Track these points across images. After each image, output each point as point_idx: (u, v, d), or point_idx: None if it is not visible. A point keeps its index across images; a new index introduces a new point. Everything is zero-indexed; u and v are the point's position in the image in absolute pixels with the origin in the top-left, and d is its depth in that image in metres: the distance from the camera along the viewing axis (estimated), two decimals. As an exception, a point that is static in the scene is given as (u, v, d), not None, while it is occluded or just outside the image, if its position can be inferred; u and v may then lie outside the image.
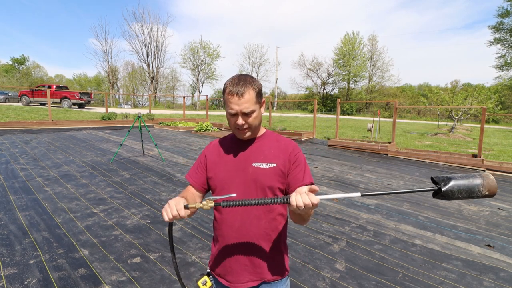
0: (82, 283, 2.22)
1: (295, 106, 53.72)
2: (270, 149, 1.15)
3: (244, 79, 1.09)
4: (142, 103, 53.33)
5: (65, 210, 3.61)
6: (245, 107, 1.06)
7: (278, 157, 1.13)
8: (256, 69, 54.41)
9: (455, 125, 16.82)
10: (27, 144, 7.76)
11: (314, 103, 13.01)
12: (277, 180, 1.11)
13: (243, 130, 1.11)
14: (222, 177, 1.15)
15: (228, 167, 1.15)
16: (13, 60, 52.40)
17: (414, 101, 46.59)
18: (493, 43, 32.96)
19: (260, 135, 1.20)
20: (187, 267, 2.49)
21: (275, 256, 1.15)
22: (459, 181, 0.94)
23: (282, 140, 1.20)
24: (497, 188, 0.92)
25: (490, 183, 0.92)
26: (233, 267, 1.13)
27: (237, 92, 1.05)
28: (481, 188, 0.92)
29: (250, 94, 1.07)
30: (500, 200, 4.68)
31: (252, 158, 1.13)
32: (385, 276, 2.45)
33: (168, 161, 6.64)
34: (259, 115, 1.13)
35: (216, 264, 1.18)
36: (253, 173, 1.10)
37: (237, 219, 1.11)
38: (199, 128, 12.56)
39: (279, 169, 1.11)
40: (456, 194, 0.94)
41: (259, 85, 1.12)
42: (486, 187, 0.92)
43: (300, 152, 1.18)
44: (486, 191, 0.92)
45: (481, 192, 0.92)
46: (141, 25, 42.98)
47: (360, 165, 6.98)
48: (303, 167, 1.15)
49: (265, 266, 1.12)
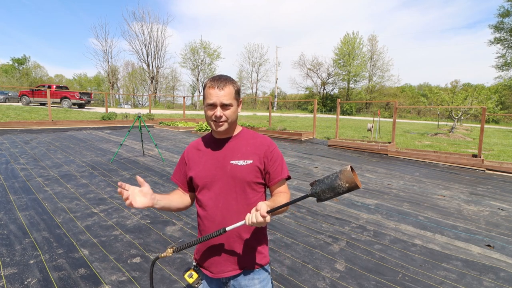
0: (82, 283, 2.22)
1: (295, 106, 53.72)
2: (246, 147, 1.21)
3: (225, 77, 1.18)
4: (142, 103, 53.34)
5: (65, 210, 3.61)
6: (225, 99, 1.13)
7: (254, 154, 1.20)
8: (256, 69, 54.48)
9: (455, 125, 16.81)
10: (27, 144, 7.76)
11: (314, 103, 13.01)
12: (254, 175, 1.18)
13: (220, 122, 1.15)
14: (202, 175, 1.21)
15: (208, 165, 1.21)
16: (14, 60, 52.42)
17: (414, 101, 46.59)
18: (493, 42, 32.96)
19: (236, 134, 1.26)
20: (187, 267, 2.49)
21: (255, 246, 1.22)
22: (322, 183, 0.94)
23: (258, 137, 1.26)
24: (353, 178, 0.87)
25: (346, 175, 0.89)
26: (216, 259, 1.19)
27: (218, 85, 1.13)
28: (340, 182, 0.89)
29: (230, 88, 1.15)
30: (500, 200, 4.68)
31: (230, 155, 1.19)
32: (385, 276, 2.45)
33: (168, 161, 6.64)
34: (236, 111, 1.20)
35: (200, 257, 1.25)
36: (231, 170, 1.17)
37: (218, 215, 1.18)
38: (199, 128, 12.57)
39: (255, 165, 1.18)
40: (321, 195, 0.94)
41: (238, 85, 1.21)
42: (343, 180, 0.89)
43: (275, 147, 1.26)
44: (346, 184, 0.89)
45: (342, 187, 0.89)
46: (141, 25, 42.99)
47: (360, 165, 6.98)
48: (281, 162, 1.24)
49: (246, 255, 1.20)
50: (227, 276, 1.20)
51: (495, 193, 5.05)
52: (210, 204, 1.19)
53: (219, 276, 1.20)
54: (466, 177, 6.21)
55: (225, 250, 1.18)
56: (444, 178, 6.05)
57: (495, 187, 5.48)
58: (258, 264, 1.23)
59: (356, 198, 4.49)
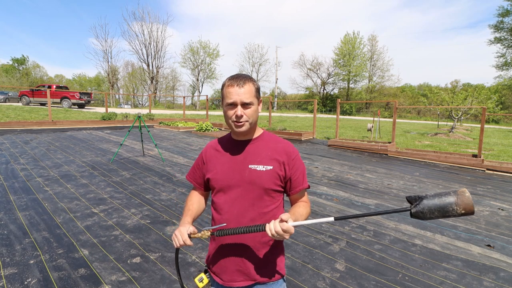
0: (82, 283, 2.22)
1: (295, 106, 53.72)
2: (267, 151, 1.15)
3: (244, 75, 1.13)
4: (142, 103, 53.35)
5: (65, 210, 3.61)
6: (245, 97, 1.07)
7: (275, 160, 1.13)
8: (256, 69, 54.45)
9: (455, 125, 16.81)
10: (27, 144, 7.76)
11: (314, 103, 13.01)
12: (273, 182, 1.12)
13: (241, 123, 1.09)
14: (220, 178, 1.15)
15: (226, 168, 1.15)
16: (13, 60, 52.45)
17: (414, 101, 46.60)
18: (493, 42, 32.97)
19: (257, 136, 1.19)
20: (187, 267, 2.49)
21: (269, 258, 1.14)
22: (430, 201, 0.87)
23: (281, 142, 1.19)
24: (473, 206, 0.82)
25: (465, 201, 0.82)
26: (227, 267, 1.14)
27: (237, 83, 1.08)
28: (454, 207, 0.83)
29: (250, 86, 1.09)
30: (500, 200, 4.68)
31: (249, 159, 1.13)
32: (385, 276, 2.45)
33: (168, 161, 6.64)
34: (257, 111, 1.13)
35: (211, 262, 1.21)
36: (250, 175, 1.11)
37: (233, 220, 1.12)
38: (199, 128, 12.56)
39: (276, 171, 1.12)
40: (427, 214, 0.87)
41: (258, 84, 1.15)
42: (461, 206, 0.83)
43: (298, 155, 1.19)
44: (461, 210, 0.83)
45: (456, 211, 0.84)
46: (141, 25, 43.03)
47: (360, 165, 6.98)
48: (302, 171, 1.18)
49: (258, 268, 1.13)
50: (237, 286, 1.14)
51: (495, 193, 5.05)
52: (225, 208, 1.14)
53: (229, 285, 1.14)
54: (466, 177, 6.21)
55: (238, 259, 1.13)
56: (444, 178, 6.05)
57: (495, 187, 5.48)
58: (272, 278, 1.15)
59: (356, 198, 4.49)
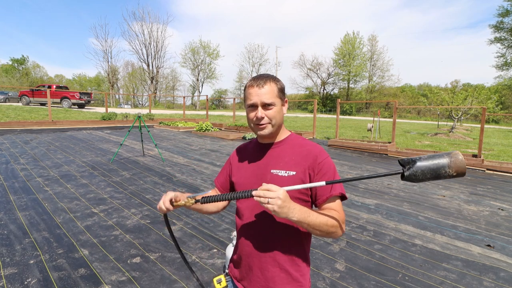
0: (82, 283, 2.22)
1: (295, 106, 53.73)
2: (291, 156, 1.06)
3: (266, 75, 1.07)
4: (142, 103, 53.34)
5: (65, 210, 3.61)
6: (265, 98, 1.01)
7: (299, 164, 1.04)
8: (256, 69, 54.48)
9: (455, 125, 16.81)
10: (27, 144, 7.76)
11: (314, 103, 13.01)
12: (296, 190, 1.00)
13: (263, 125, 1.03)
14: (242, 182, 1.12)
15: (249, 172, 1.11)
16: (13, 60, 52.43)
17: (414, 101, 46.59)
18: (493, 42, 32.98)
19: (282, 139, 1.12)
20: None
21: (291, 271, 1.05)
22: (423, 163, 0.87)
23: (307, 145, 1.09)
24: (465, 167, 0.82)
25: (458, 163, 0.83)
26: (248, 275, 1.10)
27: (258, 84, 1.02)
28: (447, 169, 0.84)
29: (271, 86, 1.03)
30: (500, 200, 4.68)
31: (272, 164, 1.07)
32: (385, 276, 2.45)
33: (168, 161, 6.64)
34: (281, 112, 1.06)
35: (233, 267, 1.18)
36: (271, 180, 1.03)
37: (253, 227, 1.07)
38: (199, 128, 12.57)
39: (299, 177, 1.02)
40: (420, 176, 0.87)
41: (281, 83, 1.08)
42: (453, 168, 0.83)
43: (326, 159, 1.05)
44: (453, 172, 0.83)
45: (448, 173, 0.84)
46: (141, 25, 43.08)
47: (360, 165, 6.98)
48: (332, 176, 1.02)
49: (278, 281, 1.04)
50: None
51: (495, 193, 5.05)
52: (247, 214, 1.09)
53: None
54: (466, 177, 6.21)
55: (256, 269, 1.06)
56: (444, 178, 6.05)
57: (495, 187, 5.48)
58: None
59: (356, 198, 4.49)
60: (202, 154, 7.68)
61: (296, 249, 1.06)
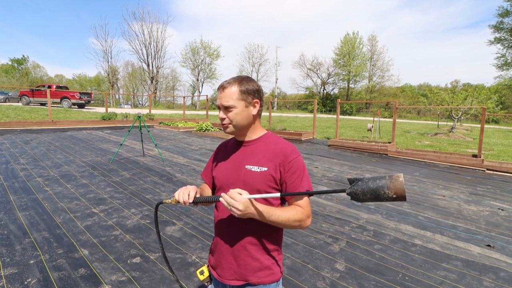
0: (82, 283, 2.22)
1: (295, 106, 53.74)
2: (264, 152, 1.13)
3: (236, 77, 1.13)
4: (142, 103, 53.34)
5: (65, 210, 3.61)
6: (224, 100, 1.10)
7: (271, 161, 1.10)
8: (256, 69, 54.47)
9: (455, 125, 16.81)
10: (27, 144, 7.76)
11: (314, 103, 13.01)
12: (266, 185, 1.08)
13: (225, 125, 1.13)
14: (220, 176, 1.19)
15: (226, 167, 1.19)
16: (13, 60, 52.39)
17: (414, 101, 46.60)
18: (493, 42, 32.96)
19: (258, 137, 1.18)
20: (187, 267, 2.49)
21: (262, 259, 1.12)
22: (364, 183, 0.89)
23: (280, 143, 1.15)
24: (405, 191, 0.83)
25: (397, 185, 0.83)
26: (222, 262, 1.17)
27: (220, 87, 1.12)
28: (386, 190, 0.84)
29: (232, 89, 1.09)
30: (500, 200, 4.68)
31: (246, 160, 1.14)
32: (385, 276, 2.45)
33: (168, 161, 6.64)
34: (243, 113, 1.11)
35: (210, 256, 1.26)
36: (245, 175, 1.11)
37: (227, 219, 1.14)
38: (199, 128, 12.57)
39: (270, 173, 1.08)
40: (360, 196, 0.89)
41: (250, 85, 1.11)
42: (392, 190, 0.84)
43: (297, 158, 1.11)
44: (392, 193, 0.84)
45: (387, 195, 0.84)
46: (141, 25, 43.04)
47: (360, 165, 6.98)
48: (301, 174, 1.10)
49: (250, 268, 1.11)
50: (229, 284, 1.15)
51: (495, 193, 5.05)
52: (222, 207, 1.16)
53: (223, 282, 1.16)
54: (466, 177, 6.21)
55: (229, 256, 1.14)
56: (444, 178, 6.05)
57: (495, 187, 5.48)
58: (263, 281, 1.12)
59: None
60: (202, 154, 7.68)
61: (267, 239, 1.13)
